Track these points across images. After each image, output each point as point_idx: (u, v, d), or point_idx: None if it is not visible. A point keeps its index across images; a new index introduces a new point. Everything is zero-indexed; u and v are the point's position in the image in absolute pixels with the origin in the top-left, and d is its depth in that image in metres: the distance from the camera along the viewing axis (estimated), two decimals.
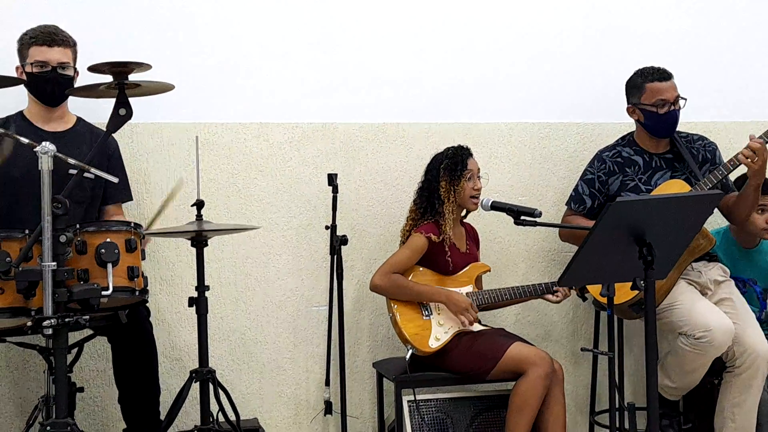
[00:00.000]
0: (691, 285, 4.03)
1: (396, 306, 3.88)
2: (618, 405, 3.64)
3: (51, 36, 3.56)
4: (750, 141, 3.83)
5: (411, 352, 3.81)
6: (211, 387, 3.49)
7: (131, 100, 3.11)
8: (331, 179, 3.96)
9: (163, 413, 3.59)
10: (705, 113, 4.57)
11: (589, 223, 3.93)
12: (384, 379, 4.12)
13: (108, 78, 3.08)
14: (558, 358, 3.98)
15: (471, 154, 3.99)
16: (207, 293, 3.52)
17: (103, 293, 3.01)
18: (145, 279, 3.27)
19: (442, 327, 3.86)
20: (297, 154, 4.19)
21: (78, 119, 3.76)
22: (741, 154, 3.84)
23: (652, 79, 4.05)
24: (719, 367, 3.91)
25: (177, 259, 4.04)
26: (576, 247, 3.17)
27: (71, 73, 3.61)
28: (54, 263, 2.88)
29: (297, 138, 4.19)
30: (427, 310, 3.89)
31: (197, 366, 3.51)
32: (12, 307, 3.03)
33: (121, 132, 3.41)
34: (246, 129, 4.13)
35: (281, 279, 4.17)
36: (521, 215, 3.55)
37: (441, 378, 3.86)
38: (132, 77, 3.08)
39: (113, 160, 3.74)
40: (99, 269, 3.07)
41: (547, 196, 4.47)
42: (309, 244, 4.19)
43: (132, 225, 3.26)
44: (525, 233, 4.37)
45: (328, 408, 4.07)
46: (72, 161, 3.04)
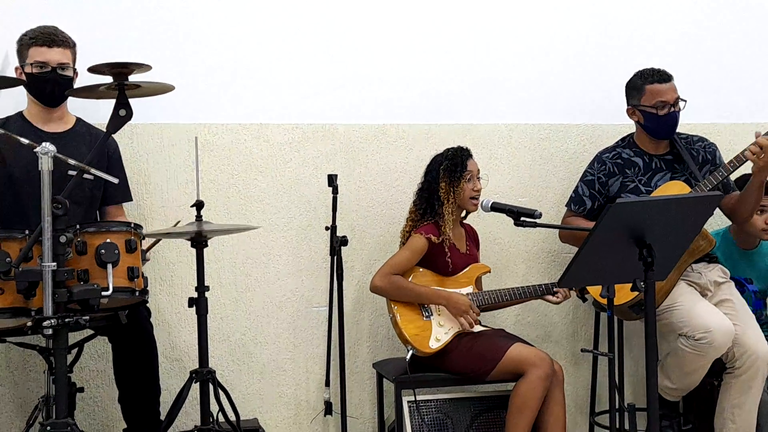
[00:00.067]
0: (691, 286, 4.02)
1: (396, 307, 3.88)
2: (618, 406, 3.64)
3: (51, 37, 3.56)
4: (757, 138, 3.82)
5: (411, 352, 3.81)
6: (211, 387, 3.49)
7: (131, 100, 3.11)
8: (331, 180, 3.96)
9: (163, 413, 3.59)
10: (705, 115, 4.57)
11: (589, 225, 3.93)
12: (384, 380, 4.12)
13: (108, 79, 3.08)
14: (558, 358, 3.98)
15: (471, 155, 3.98)
16: (207, 294, 3.52)
17: (103, 294, 3.00)
18: (145, 279, 3.26)
19: (442, 328, 3.85)
20: (297, 155, 4.19)
21: (77, 120, 3.76)
22: (748, 150, 3.83)
23: (652, 81, 4.05)
24: (719, 368, 3.90)
25: (177, 260, 4.04)
26: (576, 249, 3.17)
27: (71, 74, 3.61)
28: (54, 264, 2.88)
29: (297, 139, 4.19)
30: (428, 310, 3.89)
31: (197, 366, 3.51)
32: (12, 308, 3.03)
33: (121, 133, 3.41)
34: (246, 130, 4.14)
35: (281, 280, 4.18)
36: (521, 216, 3.55)
37: (441, 379, 3.86)
38: (132, 78, 3.09)
39: (113, 160, 3.74)
40: (99, 270, 3.07)
41: (547, 197, 4.47)
42: (309, 244, 4.19)
43: (132, 225, 3.25)
44: (525, 234, 4.38)
45: (328, 408, 4.06)
46: (72, 162, 3.04)
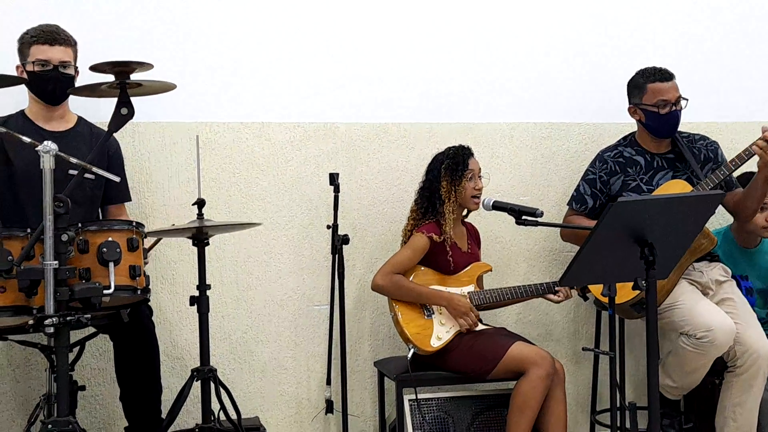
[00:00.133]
0: (693, 285, 4.02)
1: (397, 305, 3.88)
2: (619, 404, 3.64)
3: (52, 35, 3.56)
4: (764, 132, 3.80)
5: (412, 351, 3.81)
6: (213, 386, 3.50)
7: (133, 99, 3.11)
8: (333, 179, 3.97)
9: (165, 412, 3.59)
10: (706, 113, 4.57)
11: (591, 223, 3.93)
12: (385, 378, 4.12)
13: (110, 77, 3.08)
14: (559, 357, 3.98)
15: (472, 153, 3.98)
16: (208, 292, 3.53)
17: (105, 292, 3.00)
18: (147, 278, 3.26)
19: (443, 326, 3.86)
20: (298, 153, 4.19)
21: (79, 119, 3.76)
22: (755, 144, 3.81)
23: (653, 80, 4.04)
24: (720, 367, 3.91)
25: (178, 258, 4.04)
26: (577, 247, 3.16)
27: (72, 72, 3.62)
28: (56, 262, 2.88)
29: (298, 138, 4.19)
30: (429, 309, 3.89)
31: (198, 365, 3.51)
32: (14, 306, 3.03)
33: (123, 131, 3.41)
34: (247, 128, 4.14)
35: (282, 278, 4.18)
36: (523, 215, 3.55)
37: (442, 377, 3.86)
38: (134, 77, 3.08)
39: (113, 160, 3.74)
40: (101, 268, 3.07)
41: (549, 196, 4.47)
42: (310, 243, 4.19)
43: (134, 224, 3.25)
44: (526, 233, 4.37)
45: (329, 407, 4.06)
46: (74, 160, 3.04)
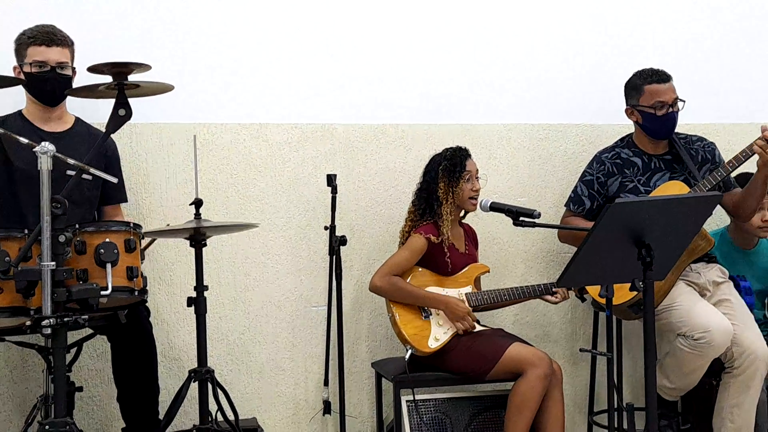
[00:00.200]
0: (690, 286, 4.03)
1: (395, 306, 3.88)
2: (617, 405, 3.64)
3: (49, 36, 3.56)
4: (763, 132, 3.80)
5: (410, 352, 3.81)
6: (210, 386, 3.49)
7: (131, 100, 3.11)
8: (330, 180, 3.97)
9: (162, 413, 3.59)
10: (704, 115, 4.57)
11: (588, 224, 3.93)
12: (383, 379, 4.12)
13: (107, 78, 3.08)
14: (557, 358, 3.98)
15: (469, 155, 3.99)
16: (206, 293, 3.52)
17: (102, 293, 3.00)
18: (145, 279, 3.26)
19: (441, 327, 3.86)
20: (296, 154, 4.19)
21: (76, 120, 3.75)
22: (755, 144, 3.81)
23: (650, 81, 4.05)
24: (718, 368, 3.91)
25: (176, 259, 4.04)
26: (575, 248, 3.17)
27: (69, 73, 3.61)
28: (53, 263, 2.87)
29: (296, 139, 4.19)
30: (426, 310, 3.88)
31: (196, 366, 3.50)
32: (11, 307, 3.03)
33: (121, 132, 3.41)
34: (245, 129, 4.14)
35: (280, 279, 4.17)
36: (520, 216, 3.55)
37: (440, 378, 3.86)
38: (131, 78, 3.08)
39: (110, 160, 3.73)
40: (98, 269, 3.07)
41: (546, 197, 4.47)
42: (308, 244, 4.19)
43: (131, 225, 3.25)
44: (524, 234, 4.38)
45: (326, 408, 4.07)
46: (71, 161, 3.04)
